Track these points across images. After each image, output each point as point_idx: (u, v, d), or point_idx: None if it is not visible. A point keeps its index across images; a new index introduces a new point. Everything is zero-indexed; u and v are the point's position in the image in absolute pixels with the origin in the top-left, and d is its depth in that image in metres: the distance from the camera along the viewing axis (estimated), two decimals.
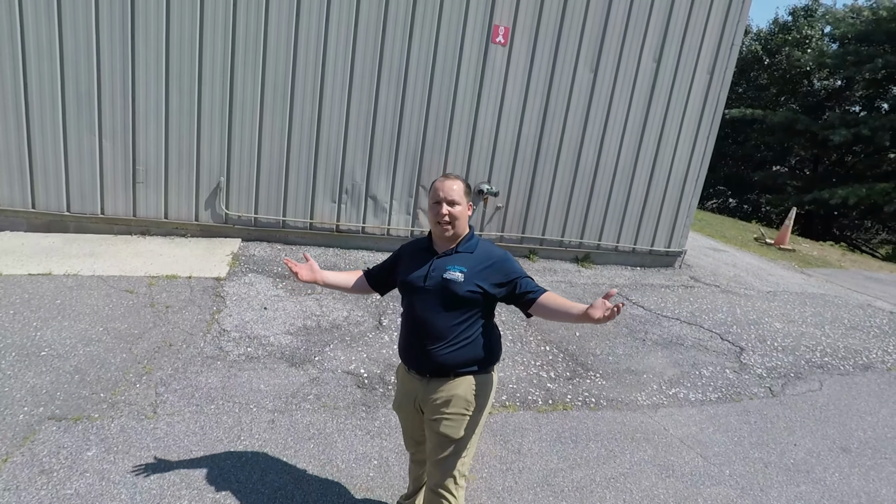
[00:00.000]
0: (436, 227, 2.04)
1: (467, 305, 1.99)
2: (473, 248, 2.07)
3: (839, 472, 3.40)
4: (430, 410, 2.06)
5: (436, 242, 2.11)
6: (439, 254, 2.07)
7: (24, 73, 4.83)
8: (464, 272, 1.98)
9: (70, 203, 5.22)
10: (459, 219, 2.02)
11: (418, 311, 2.02)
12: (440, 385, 2.04)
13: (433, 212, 2.03)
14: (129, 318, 3.88)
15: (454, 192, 2.01)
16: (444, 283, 1.98)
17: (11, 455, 2.54)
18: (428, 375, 2.06)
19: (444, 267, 2.01)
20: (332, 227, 5.96)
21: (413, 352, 2.08)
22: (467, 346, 2.01)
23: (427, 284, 2.01)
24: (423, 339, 2.02)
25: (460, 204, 2.02)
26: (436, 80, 5.78)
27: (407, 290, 2.09)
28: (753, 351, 5.02)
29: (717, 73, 6.63)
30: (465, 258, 2.03)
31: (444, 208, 1.99)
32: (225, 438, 2.86)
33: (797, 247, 11.01)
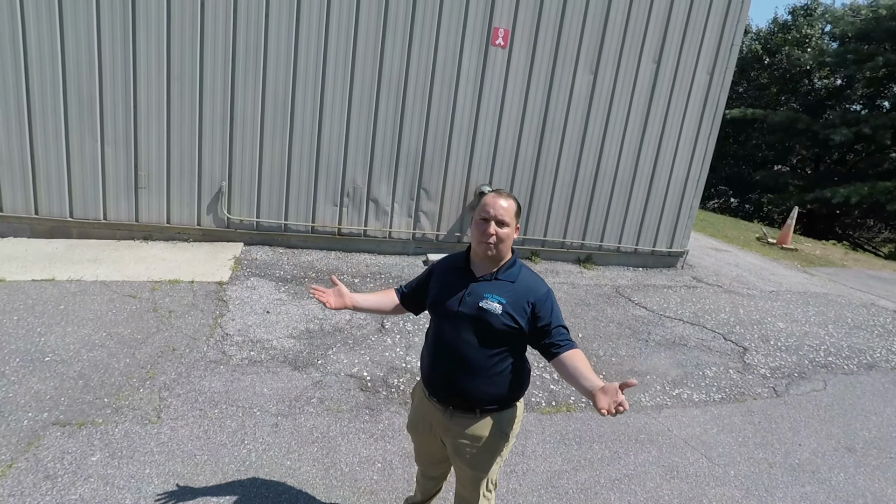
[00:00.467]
0: (479, 246, 1.86)
1: (501, 339, 1.83)
2: (515, 277, 1.88)
3: (844, 471, 3.39)
4: (456, 448, 1.93)
5: (474, 263, 1.93)
6: (477, 277, 1.89)
7: (27, 79, 4.86)
8: (502, 304, 1.81)
9: (73, 209, 5.24)
10: (505, 241, 1.85)
11: (448, 338, 1.87)
12: (465, 422, 1.90)
13: (479, 229, 1.84)
14: (132, 323, 3.89)
15: (506, 211, 1.83)
16: (480, 312, 1.81)
17: (16, 461, 2.54)
18: (451, 408, 1.91)
19: (482, 294, 1.84)
20: (333, 230, 5.97)
21: (438, 381, 1.93)
22: (497, 382, 1.86)
23: (461, 310, 1.84)
24: (450, 369, 1.87)
25: (509, 225, 1.84)
26: (436, 83, 5.80)
27: (438, 313, 1.93)
28: (757, 351, 5.00)
29: (717, 73, 6.63)
30: (504, 287, 1.85)
31: (492, 227, 1.81)
32: (229, 442, 2.86)
33: (799, 246, 10.99)
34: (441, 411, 1.94)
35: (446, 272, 1.98)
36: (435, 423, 1.98)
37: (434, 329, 1.96)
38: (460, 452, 1.93)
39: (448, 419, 1.92)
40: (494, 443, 1.92)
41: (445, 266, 2.02)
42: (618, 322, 5.19)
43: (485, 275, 1.89)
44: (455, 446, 1.93)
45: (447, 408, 1.92)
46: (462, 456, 1.93)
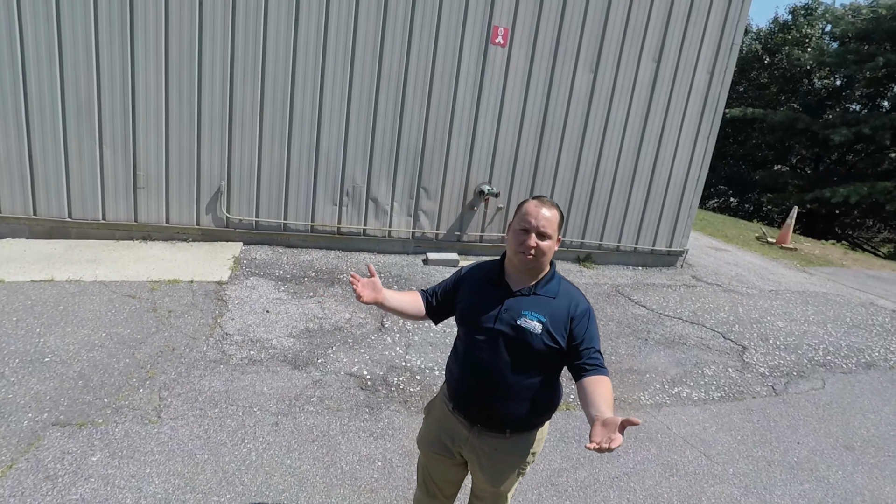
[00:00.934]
0: (517, 257, 1.72)
1: (539, 359, 1.72)
2: (555, 292, 1.75)
3: (842, 469, 3.40)
4: (480, 465, 1.86)
5: (509, 274, 1.79)
6: (514, 291, 1.75)
7: (24, 80, 4.86)
8: (542, 322, 1.68)
9: (71, 209, 5.24)
10: (546, 255, 1.71)
11: (481, 355, 1.74)
12: (492, 442, 1.81)
13: (517, 239, 1.70)
14: (131, 324, 3.89)
15: (548, 222, 1.69)
16: (518, 331, 1.69)
17: (16, 461, 2.55)
18: (479, 426, 1.81)
19: (520, 311, 1.71)
20: (333, 229, 5.97)
21: (468, 398, 1.81)
22: (530, 403, 1.76)
23: (497, 327, 1.71)
24: (482, 387, 1.76)
25: (551, 238, 1.71)
26: (435, 82, 5.80)
27: (471, 328, 1.78)
28: (756, 350, 5.01)
29: (717, 72, 6.64)
30: (544, 304, 1.72)
31: (533, 240, 1.67)
32: (229, 441, 2.87)
33: (799, 246, 11.00)
34: (466, 428, 1.83)
35: (478, 282, 1.84)
36: (458, 438, 1.86)
37: (465, 343, 1.81)
38: (483, 469, 1.85)
39: (475, 437, 1.82)
40: (521, 462, 1.86)
41: (477, 276, 1.87)
42: (617, 321, 5.20)
43: (522, 289, 1.75)
44: (479, 464, 1.85)
45: (474, 425, 1.81)
46: (485, 473, 1.86)
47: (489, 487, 1.89)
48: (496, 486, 1.87)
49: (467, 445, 1.84)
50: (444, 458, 1.93)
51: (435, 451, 1.94)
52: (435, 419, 1.95)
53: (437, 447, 1.92)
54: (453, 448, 1.88)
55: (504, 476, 1.85)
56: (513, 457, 1.83)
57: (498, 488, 1.88)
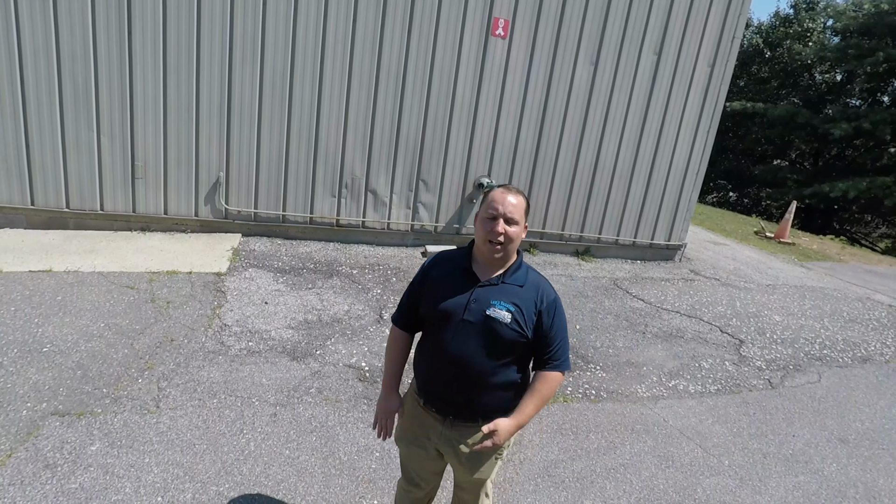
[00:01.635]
0: (485, 246, 1.72)
1: (508, 348, 1.72)
2: (524, 281, 1.75)
3: (837, 462, 3.43)
4: (457, 457, 1.86)
5: (477, 262, 1.78)
6: (482, 281, 1.75)
7: (21, 69, 4.82)
8: (511, 311, 1.69)
9: (69, 200, 5.23)
10: (514, 242, 1.72)
11: (453, 349, 1.72)
12: (466, 431, 1.81)
13: (485, 227, 1.70)
14: (130, 314, 3.89)
15: (515, 208, 1.70)
16: (487, 321, 1.68)
17: (16, 450, 2.55)
18: (451, 418, 1.81)
19: (488, 300, 1.70)
20: (332, 221, 5.96)
21: (439, 392, 1.82)
22: (501, 391, 1.77)
23: (466, 318, 1.70)
24: (453, 380, 1.75)
25: (519, 224, 1.71)
26: (435, 74, 5.77)
27: (439, 320, 1.75)
28: (753, 343, 5.03)
29: (717, 66, 6.61)
30: (513, 292, 1.73)
31: (501, 226, 1.68)
32: (228, 432, 2.88)
33: (797, 240, 11.02)
34: (440, 421, 1.83)
35: (445, 274, 1.81)
36: (432, 433, 1.86)
37: (433, 336, 1.79)
38: (460, 460, 1.86)
39: (448, 429, 1.82)
40: (498, 450, 1.88)
41: (443, 267, 1.84)
42: (615, 314, 5.21)
43: (490, 278, 1.75)
44: (456, 455, 1.85)
45: (447, 417, 1.81)
46: (462, 463, 1.87)
47: (468, 477, 1.90)
48: (475, 475, 1.88)
49: (442, 438, 1.84)
50: (421, 452, 1.93)
51: (413, 448, 1.94)
52: (408, 415, 1.94)
53: (414, 444, 1.92)
54: (428, 444, 1.88)
55: (481, 464, 1.87)
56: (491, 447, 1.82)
57: (477, 476, 1.89)
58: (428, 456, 1.92)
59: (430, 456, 1.92)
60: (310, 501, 2.51)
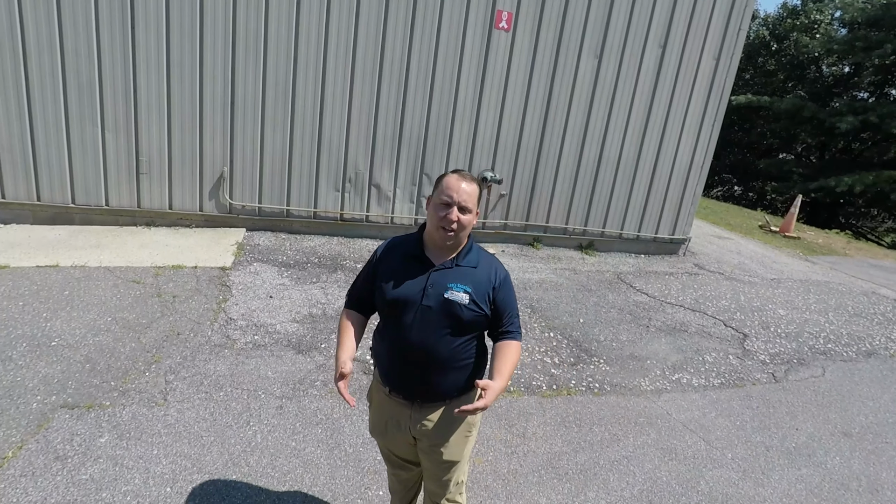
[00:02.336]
0: (437, 232, 1.73)
1: (468, 328, 1.76)
2: (476, 262, 1.80)
3: (840, 455, 3.43)
4: (428, 439, 1.86)
5: (428, 248, 1.80)
6: (435, 265, 1.76)
7: (25, 66, 4.85)
8: (468, 292, 1.72)
9: (75, 195, 5.26)
10: (466, 228, 1.74)
11: (411, 333, 1.73)
12: (433, 412, 1.83)
13: (438, 213, 1.71)
14: (136, 308, 3.93)
15: (470, 197, 1.71)
16: (447, 304, 1.71)
17: (26, 442, 2.59)
18: (418, 401, 1.83)
19: (445, 284, 1.73)
20: (335, 216, 5.98)
21: (404, 378, 1.81)
22: (464, 369, 1.81)
23: (424, 303, 1.72)
24: (417, 364, 1.76)
25: (472, 212, 1.73)
26: (438, 67, 5.76)
27: (396, 308, 1.75)
28: (757, 337, 5.03)
29: (723, 58, 6.57)
30: (467, 274, 1.76)
31: (455, 214, 1.69)
32: (234, 424, 2.91)
33: (802, 234, 10.97)
34: (407, 406, 1.84)
35: (397, 261, 1.80)
36: (402, 419, 1.86)
37: (392, 326, 1.78)
38: (432, 441, 1.86)
39: (416, 412, 1.83)
40: (465, 426, 1.89)
41: (395, 254, 1.83)
42: (619, 308, 5.22)
43: (444, 262, 1.77)
44: (426, 435, 1.85)
45: (414, 401, 1.83)
46: (434, 444, 1.87)
47: (441, 460, 1.88)
48: (445, 455, 1.87)
49: (411, 422, 1.85)
50: (396, 439, 1.94)
51: (387, 437, 1.95)
52: (377, 406, 1.95)
53: (387, 433, 1.93)
54: (399, 428, 1.89)
55: (455, 442, 1.87)
56: (457, 422, 1.85)
57: (449, 458, 1.88)
58: (403, 439, 1.93)
59: (405, 439, 1.92)
60: (316, 492, 2.54)
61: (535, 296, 5.20)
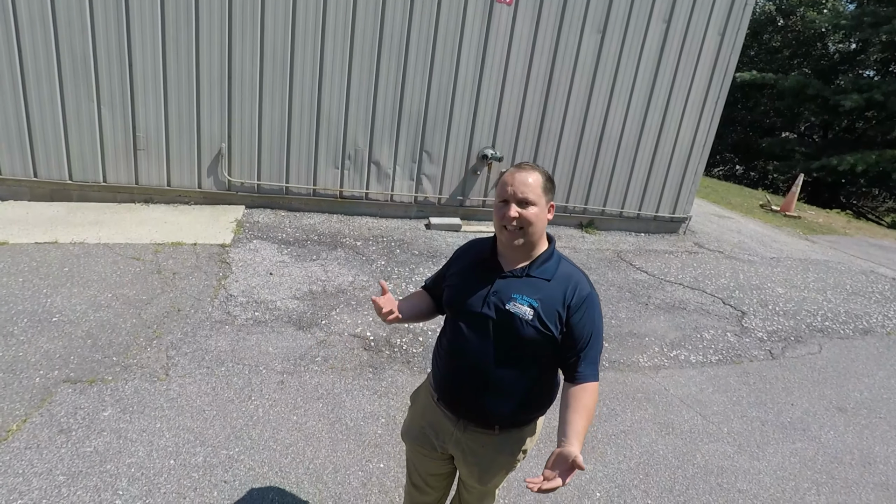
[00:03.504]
0: (501, 234, 1.57)
1: (530, 349, 1.55)
2: (552, 274, 1.56)
3: (834, 430, 3.48)
4: (468, 464, 1.72)
5: (501, 253, 1.62)
6: (505, 272, 1.58)
7: (18, 40, 4.75)
8: (534, 307, 1.51)
9: (72, 172, 5.21)
10: (535, 224, 1.52)
11: (467, 344, 1.59)
12: (479, 438, 1.66)
13: (499, 213, 1.54)
14: (136, 285, 3.93)
15: (530, 188, 1.51)
16: (507, 316, 1.52)
17: (30, 416, 2.62)
18: (464, 421, 1.66)
19: (510, 294, 1.54)
20: (335, 193, 5.94)
21: (453, 391, 1.66)
22: (521, 398, 1.60)
23: (484, 311, 1.56)
24: (468, 380, 1.61)
25: (536, 205, 1.51)
26: (439, 42, 5.66)
27: (457, 314, 1.63)
28: (755, 315, 5.06)
29: (728, 33, 6.45)
30: (538, 287, 1.55)
31: (514, 210, 1.50)
32: (236, 399, 2.94)
33: (803, 214, 10.95)
34: (452, 422, 1.68)
35: (469, 263, 1.67)
36: (443, 432, 1.72)
37: (451, 330, 1.65)
38: (469, 466, 1.73)
39: (460, 431, 1.68)
40: (510, 461, 1.71)
41: (468, 255, 1.70)
42: (618, 286, 5.23)
43: (515, 269, 1.58)
44: (465, 461, 1.72)
45: (460, 419, 1.67)
46: (470, 469, 1.73)
47: (475, 484, 1.77)
48: (482, 484, 1.75)
49: (452, 440, 1.70)
50: (428, 452, 1.80)
51: (418, 446, 1.81)
52: (420, 409, 1.82)
53: (420, 441, 1.79)
54: (437, 443, 1.74)
55: (491, 474, 1.72)
56: (501, 455, 1.69)
57: (484, 486, 1.76)
58: (434, 456, 1.79)
59: (436, 456, 1.78)
60: (317, 465, 2.58)
61: None
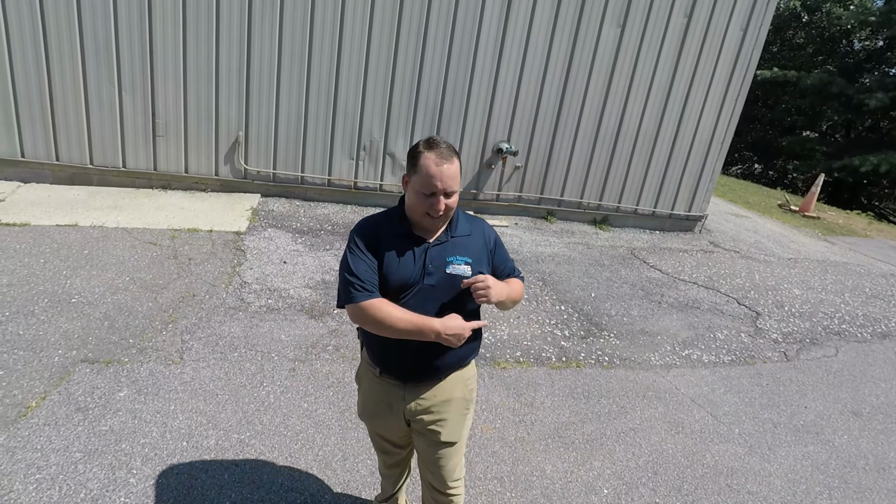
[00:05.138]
0: (424, 219, 1.64)
1: (469, 299, 1.68)
2: (468, 230, 1.74)
3: (848, 434, 3.43)
4: (424, 420, 1.77)
5: (417, 226, 1.69)
6: (430, 242, 1.68)
7: (43, 23, 4.81)
8: (469, 263, 1.67)
9: (92, 156, 5.29)
10: (454, 208, 1.66)
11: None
12: (428, 389, 1.74)
13: (424, 203, 1.59)
14: (153, 269, 3.99)
15: (452, 179, 1.59)
16: (450, 279, 1.65)
17: (49, 393, 2.68)
18: (412, 382, 1.74)
19: (445, 259, 1.66)
20: (349, 184, 5.96)
21: (401, 359, 1.71)
22: (467, 341, 1.71)
23: (427, 282, 1.64)
24: (417, 346, 1.64)
25: (456, 191, 1.62)
26: (456, 34, 5.63)
27: (395, 291, 1.65)
28: (770, 316, 4.99)
29: (751, 29, 6.33)
30: (464, 244, 1.70)
31: (441, 203, 1.59)
32: (248, 384, 2.98)
33: (822, 214, 10.75)
34: (400, 387, 1.75)
35: (388, 241, 1.66)
36: (394, 400, 1.77)
37: None
38: (427, 420, 1.77)
39: (410, 391, 1.75)
40: (463, 403, 1.81)
41: (380, 236, 1.67)
42: (631, 283, 5.19)
43: (438, 237, 1.69)
44: (424, 419, 1.77)
45: (407, 382, 1.75)
46: (430, 423, 1.77)
47: (440, 444, 1.79)
48: (446, 437, 1.78)
49: (404, 404, 1.76)
50: (385, 421, 1.85)
51: (376, 419, 1.86)
52: (366, 387, 1.86)
53: (376, 415, 1.85)
54: (391, 411, 1.80)
55: (453, 421, 1.78)
56: (454, 397, 1.78)
57: (447, 438, 1.79)
58: (392, 420, 1.82)
59: (394, 419, 1.82)
60: (327, 452, 2.61)
61: (547, 269, 5.18)
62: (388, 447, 1.97)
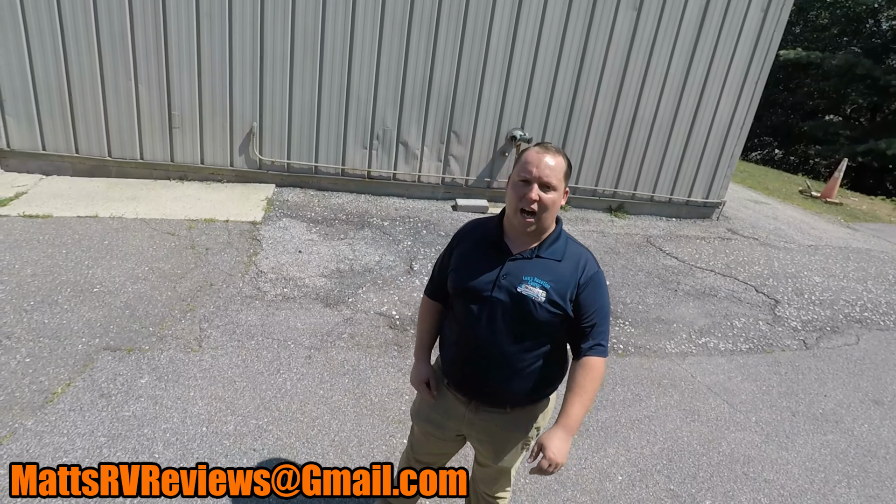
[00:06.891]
0: (516, 216, 1.52)
1: (542, 329, 1.55)
2: (561, 254, 1.56)
3: (869, 423, 3.38)
4: (481, 442, 1.74)
5: (508, 234, 1.59)
6: (513, 254, 1.56)
7: (60, 15, 4.87)
8: (546, 289, 1.50)
9: (111, 148, 5.38)
10: (550, 210, 1.50)
11: (479, 330, 1.56)
12: (492, 418, 1.68)
13: (517, 193, 1.50)
14: (171, 259, 4.06)
15: (553, 172, 1.48)
16: (519, 298, 1.51)
17: (74, 380, 2.76)
18: (475, 402, 1.68)
19: (520, 276, 1.52)
20: (363, 173, 5.97)
21: (464, 375, 1.67)
22: (533, 377, 1.60)
23: (495, 295, 1.53)
24: (479, 363, 1.60)
25: (556, 190, 1.49)
26: (469, 21, 5.57)
27: (465, 297, 1.59)
28: (789, 304, 4.91)
29: (772, 10, 6.15)
30: (549, 267, 1.53)
31: (535, 192, 1.47)
32: (265, 371, 3.03)
33: (845, 200, 10.49)
34: (463, 404, 1.69)
35: (473, 245, 1.63)
36: (454, 414, 1.72)
37: (462, 316, 1.62)
38: (483, 445, 1.75)
39: (472, 413, 1.68)
40: (523, 438, 1.73)
41: (472, 237, 1.66)
42: (647, 271, 5.14)
43: (524, 251, 1.56)
44: (479, 440, 1.74)
45: (471, 401, 1.68)
46: (485, 448, 1.75)
47: (490, 462, 1.78)
48: (497, 461, 1.75)
49: (464, 422, 1.71)
50: (435, 433, 1.80)
51: (428, 427, 1.81)
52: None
53: (430, 423, 1.80)
54: (448, 425, 1.75)
55: (505, 452, 1.73)
56: (515, 432, 1.71)
57: (499, 464, 1.76)
58: (444, 437, 1.80)
59: (446, 438, 1.79)
60: (343, 438, 2.65)
61: None
62: (424, 455, 1.93)
